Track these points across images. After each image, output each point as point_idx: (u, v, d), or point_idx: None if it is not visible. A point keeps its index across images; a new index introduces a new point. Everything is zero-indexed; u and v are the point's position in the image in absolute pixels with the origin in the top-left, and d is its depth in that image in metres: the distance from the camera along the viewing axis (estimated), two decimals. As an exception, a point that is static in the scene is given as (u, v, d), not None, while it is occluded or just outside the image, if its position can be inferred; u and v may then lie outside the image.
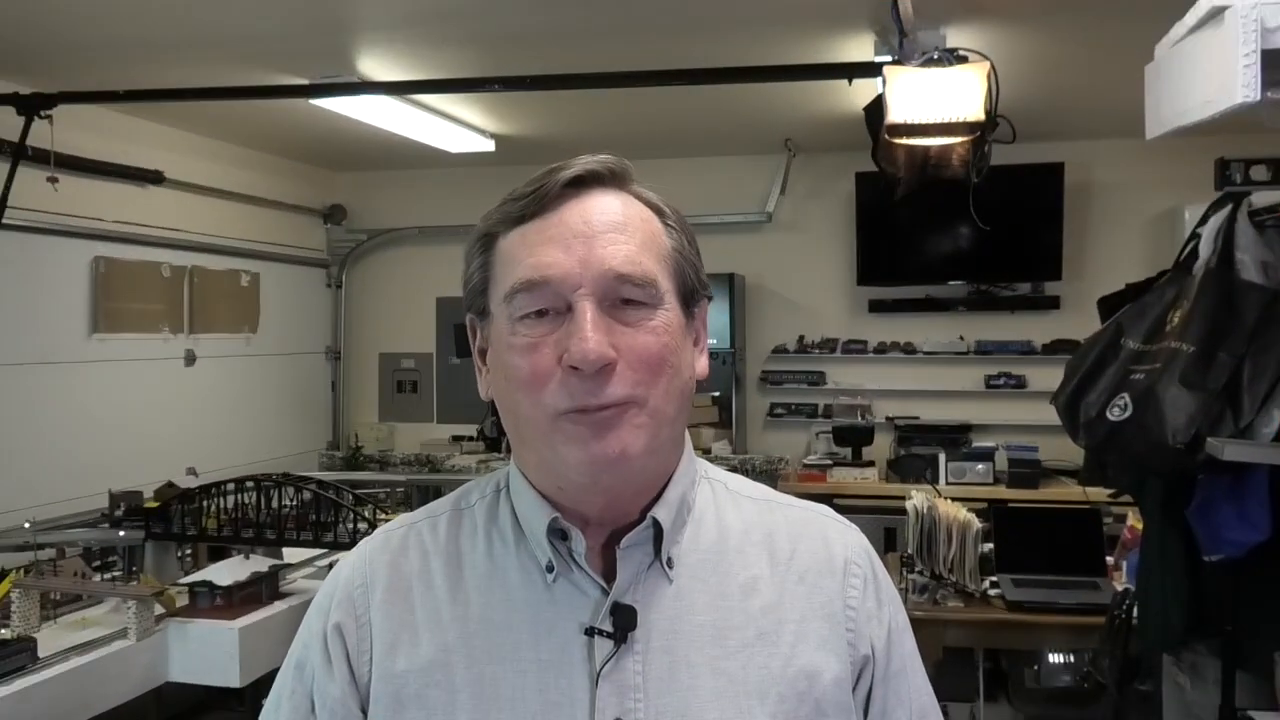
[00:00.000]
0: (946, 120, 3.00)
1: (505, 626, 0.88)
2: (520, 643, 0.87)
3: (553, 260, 0.84)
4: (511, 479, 0.95)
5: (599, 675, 0.85)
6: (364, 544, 0.98)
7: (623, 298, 0.85)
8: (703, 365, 0.93)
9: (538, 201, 0.87)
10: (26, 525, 3.31)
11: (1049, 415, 2.56)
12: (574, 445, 0.84)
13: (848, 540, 0.97)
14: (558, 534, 0.89)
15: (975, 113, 2.97)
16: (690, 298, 0.91)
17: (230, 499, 3.30)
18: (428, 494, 5.20)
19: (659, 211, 0.91)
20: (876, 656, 0.92)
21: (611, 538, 0.89)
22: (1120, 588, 2.87)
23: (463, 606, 0.90)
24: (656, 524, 0.89)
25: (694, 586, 0.90)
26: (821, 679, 0.88)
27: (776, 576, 0.92)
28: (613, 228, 0.86)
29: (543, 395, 0.84)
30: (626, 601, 0.87)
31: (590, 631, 0.86)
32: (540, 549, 0.89)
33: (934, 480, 4.78)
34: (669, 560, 0.90)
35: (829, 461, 5.26)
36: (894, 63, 3.06)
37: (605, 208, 0.87)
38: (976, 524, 3.25)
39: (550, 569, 0.88)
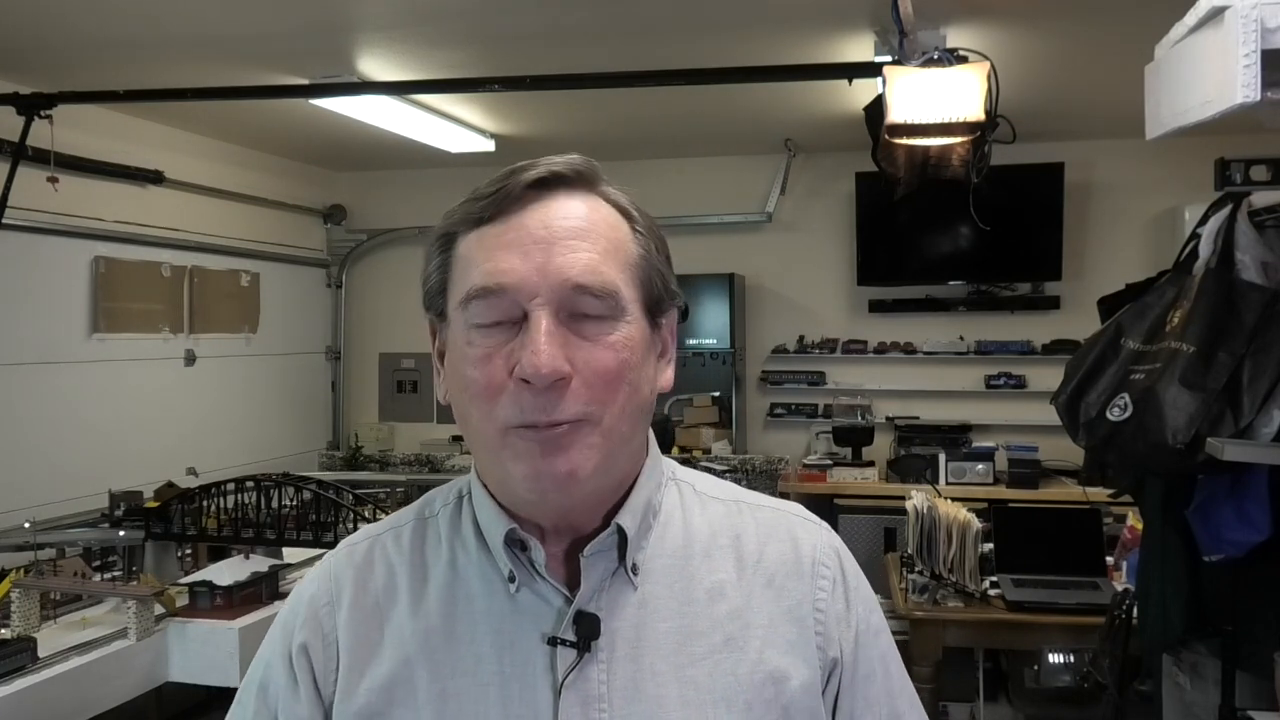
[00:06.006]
0: (946, 120, 3.00)
1: (468, 639, 0.86)
2: (482, 655, 0.85)
3: (509, 267, 0.81)
4: (473, 486, 0.92)
5: (562, 686, 0.82)
6: (328, 559, 0.95)
7: (581, 310, 0.81)
8: (667, 378, 0.90)
9: (498, 203, 0.83)
10: (26, 525, 3.31)
11: (1049, 415, 2.56)
12: (521, 461, 0.81)
13: (817, 541, 0.94)
14: (517, 544, 0.86)
15: (975, 113, 2.96)
16: (657, 307, 0.87)
17: (230, 499, 3.31)
18: (428, 494, 5.19)
19: (627, 216, 0.87)
20: (844, 660, 0.90)
21: (575, 545, 0.87)
22: (1120, 588, 2.87)
23: (425, 619, 0.87)
24: (621, 531, 0.86)
25: (659, 593, 0.87)
26: (789, 684, 0.86)
27: (744, 580, 0.90)
28: (574, 234, 0.82)
29: (494, 408, 0.81)
30: (590, 610, 0.85)
31: (553, 641, 0.84)
32: (501, 559, 0.87)
33: (934, 480, 4.77)
34: (633, 567, 0.87)
35: (829, 461, 5.25)
36: (894, 63, 3.06)
37: (568, 212, 0.83)
38: (976, 524, 3.24)
39: (513, 579, 0.86)
